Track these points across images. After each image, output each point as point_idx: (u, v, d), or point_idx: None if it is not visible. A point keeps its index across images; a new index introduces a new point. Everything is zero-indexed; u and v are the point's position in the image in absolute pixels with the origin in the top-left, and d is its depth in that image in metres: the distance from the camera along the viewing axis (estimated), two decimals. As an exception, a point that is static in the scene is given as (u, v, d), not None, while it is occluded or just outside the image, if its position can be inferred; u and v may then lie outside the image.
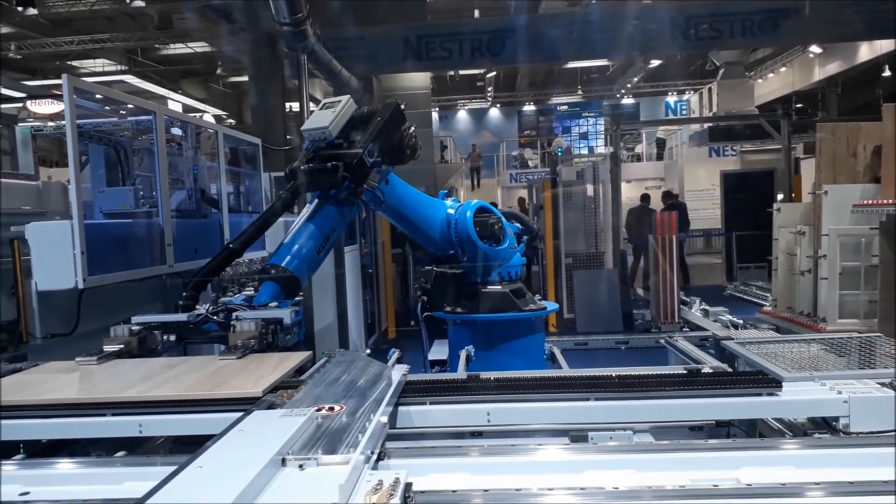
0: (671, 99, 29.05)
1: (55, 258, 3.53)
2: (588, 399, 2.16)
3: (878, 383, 2.15)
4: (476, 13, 16.53)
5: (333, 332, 7.34)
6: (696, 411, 2.10)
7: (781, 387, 2.10)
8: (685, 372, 2.49)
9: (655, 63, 22.26)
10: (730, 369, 2.84)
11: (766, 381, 2.14)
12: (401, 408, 2.23)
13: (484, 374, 2.50)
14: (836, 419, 2.02)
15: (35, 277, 3.60)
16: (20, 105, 17.59)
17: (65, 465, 1.92)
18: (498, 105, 30.06)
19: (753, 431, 2.37)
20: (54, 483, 1.81)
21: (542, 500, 1.54)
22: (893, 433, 1.92)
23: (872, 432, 1.94)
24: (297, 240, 3.16)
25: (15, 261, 3.54)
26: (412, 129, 3.36)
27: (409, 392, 2.32)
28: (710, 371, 2.59)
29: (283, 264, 3.08)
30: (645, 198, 13.93)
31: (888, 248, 4.96)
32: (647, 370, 2.55)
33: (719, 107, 18.89)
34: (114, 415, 2.12)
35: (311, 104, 13.78)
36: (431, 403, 2.26)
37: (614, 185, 10.29)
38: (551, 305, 4.48)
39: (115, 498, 1.70)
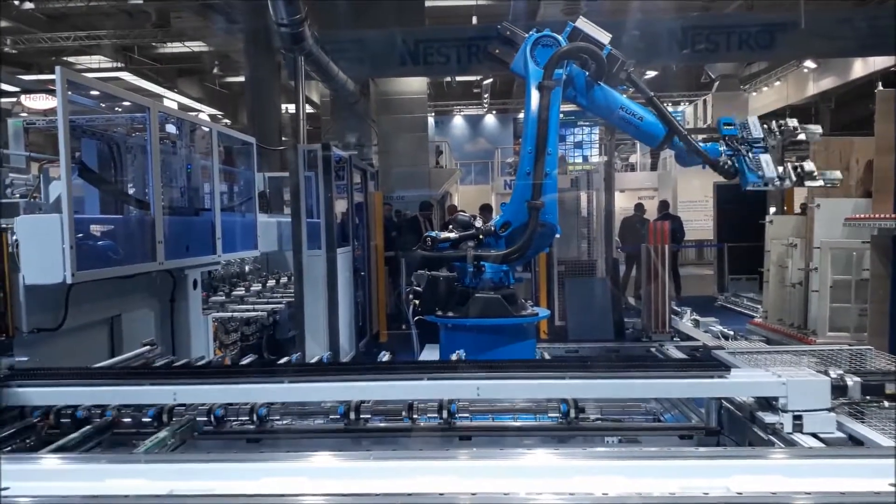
0: (666, 110, 29.03)
1: (44, 252, 3.50)
2: (564, 378, 2.34)
3: (812, 370, 2.34)
4: (474, 19, 16.54)
5: (324, 334, 7.29)
6: (659, 390, 2.35)
7: (730, 370, 2.32)
8: (657, 357, 2.56)
9: (651, 74, 22.32)
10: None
11: (717, 366, 2.37)
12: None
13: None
14: (776, 399, 2.19)
15: (23, 271, 3.57)
16: (14, 99, 17.49)
17: (48, 461, 1.89)
18: (494, 112, 30.07)
19: (743, 440, 2.36)
20: (36, 479, 1.78)
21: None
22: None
23: (806, 410, 2.15)
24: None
25: (3, 254, 3.50)
26: None
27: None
28: (673, 357, 2.68)
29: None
30: (639, 207, 13.95)
31: (880, 262, 4.98)
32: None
33: (714, 119, 18.98)
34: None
35: (307, 106, 13.77)
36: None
37: (608, 194, 10.29)
38: (543, 312, 4.47)
39: (95, 495, 1.67)
